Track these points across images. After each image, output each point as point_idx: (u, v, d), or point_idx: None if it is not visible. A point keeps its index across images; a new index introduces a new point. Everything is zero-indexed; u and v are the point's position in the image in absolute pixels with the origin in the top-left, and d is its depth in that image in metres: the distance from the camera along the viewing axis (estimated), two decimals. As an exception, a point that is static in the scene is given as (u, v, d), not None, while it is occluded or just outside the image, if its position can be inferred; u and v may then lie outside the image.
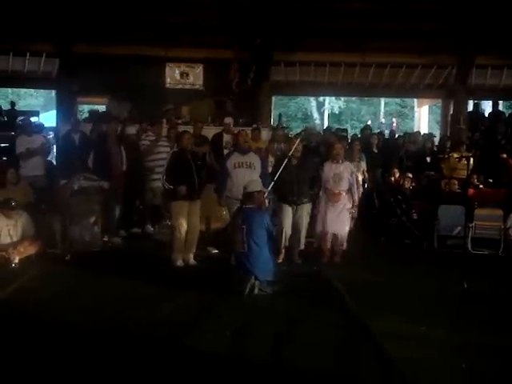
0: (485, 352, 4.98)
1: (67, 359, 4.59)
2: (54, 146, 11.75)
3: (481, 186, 10.97)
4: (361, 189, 9.71)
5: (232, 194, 7.80)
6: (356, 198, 8.31)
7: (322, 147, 11.14)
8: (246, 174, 7.72)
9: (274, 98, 15.87)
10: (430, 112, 21.53)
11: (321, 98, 30.03)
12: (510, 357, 4.94)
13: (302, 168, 8.00)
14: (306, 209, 8.05)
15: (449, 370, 4.60)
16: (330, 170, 8.25)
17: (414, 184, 10.66)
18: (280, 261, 7.70)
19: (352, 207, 8.28)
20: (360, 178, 10.08)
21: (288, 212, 7.92)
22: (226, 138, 10.09)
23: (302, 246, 8.17)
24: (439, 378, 4.44)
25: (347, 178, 8.21)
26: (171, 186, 7.55)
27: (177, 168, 7.59)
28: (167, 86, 14.03)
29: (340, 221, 8.18)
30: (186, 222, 7.64)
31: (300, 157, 8.06)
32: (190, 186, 7.54)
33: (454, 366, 4.64)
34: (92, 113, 14.47)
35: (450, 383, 4.40)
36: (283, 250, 7.96)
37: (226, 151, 9.45)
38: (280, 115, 15.75)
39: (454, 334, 5.38)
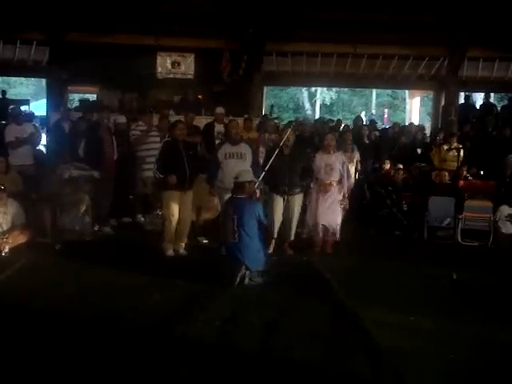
0: (473, 342, 5.03)
1: (57, 348, 4.60)
2: (44, 135, 11.70)
3: (470, 178, 11.02)
4: (353, 179, 9.74)
5: (223, 185, 7.78)
6: (346, 189, 8.31)
7: (315, 138, 11.13)
8: (237, 165, 7.70)
9: (265, 89, 15.80)
10: (422, 103, 21.56)
11: (312, 89, 29.97)
12: (498, 347, 4.99)
13: (294, 158, 7.98)
14: (297, 199, 8.04)
15: (437, 359, 4.65)
16: (321, 160, 8.23)
17: (404, 175, 10.68)
18: (271, 251, 7.72)
19: (343, 199, 8.28)
20: (353, 169, 10.13)
21: (279, 202, 7.92)
22: (218, 128, 10.05)
23: (292, 237, 8.19)
24: (427, 368, 4.48)
25: (338, 168, 8.19)
26: (162, 176, 7.53)
27: (168, 157, 7.56)
28: (158, 75, 13.98)
29: (332, 212, 8.17)
30: (176, 212, 7.61)
31: (292, 147, 8.06)
32: (181, 176, 7.49)
33: (442, 356, 4.68)
34: (83, 102, 14.45)
35: (438, 373, 4.43)
36: (274, 241, 7.97)
37: (217, 141, 9.42)
38: (272, 106, 15.75)
39: (442, 324, 5.42)
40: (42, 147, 11.52)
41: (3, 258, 7.39)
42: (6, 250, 7.48)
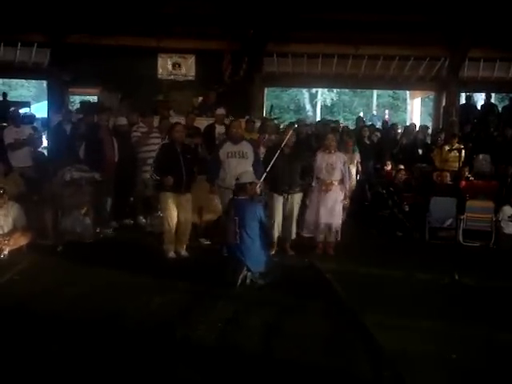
0: (475, 343, 5.02)
1: (59, 349, 4.60)
2: (44, 137, 11.69)
3: (471, 178, 11.00)
4: (354, 180, 9.74)
5: (225, 184, 7.78)
6: (348, 188, 8.30)
7: (313, 140, 11.11)
8: (239, 164, 7.71)
9: (266, 90, 15.78)
10: (423, 104, 21.50)
11: (313, 90, 29.97)
12: (501, 348, 4.98)
13: (294, 157, 7.99)
14: (296, 198, 8.04)
15: (439, 360, 4.64)
16: (322, 159, 8.24)
17: (406, 176, 10.66)
18: (273, 252, 7.71)
19: (344, 198, 8.28)
20: (353, 170, 10.12)
21: (279, 202, 7.92)
22: (219, 129, 10.05)
23: (294, 236, 8.17)
24: (430, 369, 4.47)
25: (340, 167, 8.21)
26: (158, 178, 7.53)
27: (165, 160, 7.55)
28: (159, 76, 13.99)
29: (334, 212, 8.17)
30: (175, 214, 7.59)
31: (292, 146, 8.06)
32: (177, 178, 7.46)
33: (444, 357, 4.67)
34: (83, 104, 14.43)
35: (440, 374, 4.42)
36: (275, 242, 7.96)
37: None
38: (272, 106, 15.71)
39: (444, 325, 5.42)
40: (43, 149, 11.52)
41: (4, 260, 7.38)
42: (7, 252, 7.48)
